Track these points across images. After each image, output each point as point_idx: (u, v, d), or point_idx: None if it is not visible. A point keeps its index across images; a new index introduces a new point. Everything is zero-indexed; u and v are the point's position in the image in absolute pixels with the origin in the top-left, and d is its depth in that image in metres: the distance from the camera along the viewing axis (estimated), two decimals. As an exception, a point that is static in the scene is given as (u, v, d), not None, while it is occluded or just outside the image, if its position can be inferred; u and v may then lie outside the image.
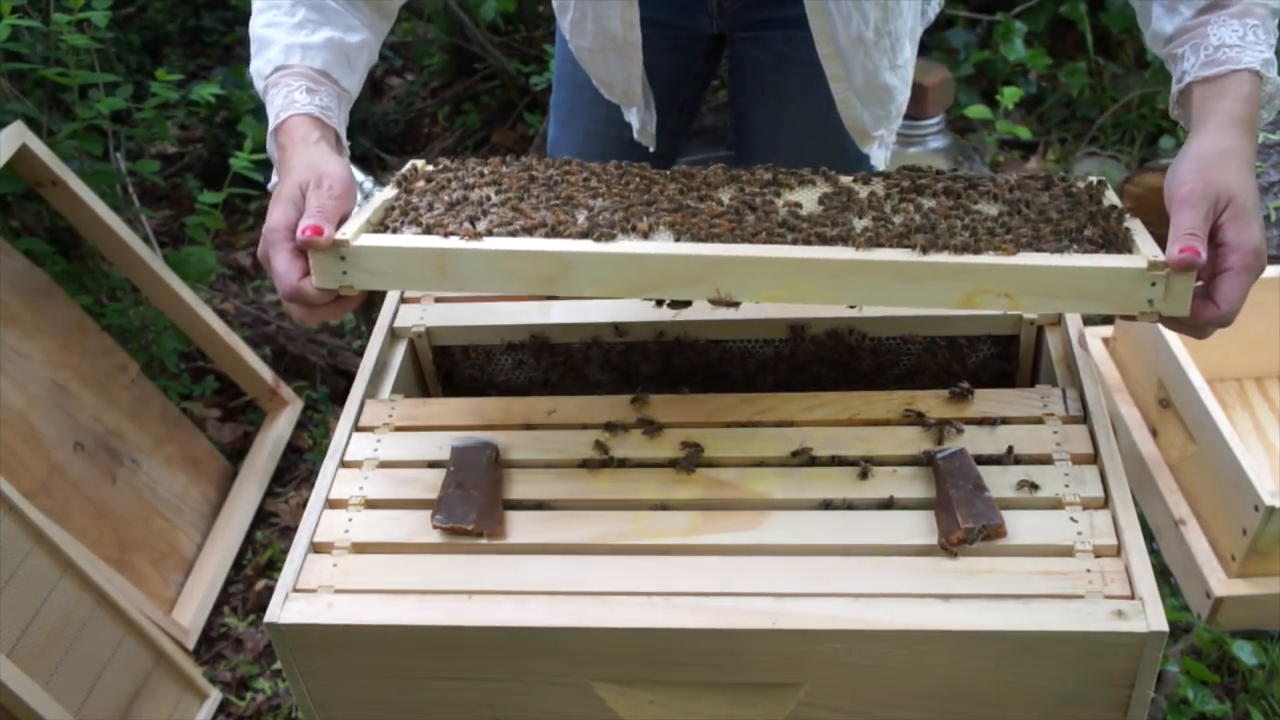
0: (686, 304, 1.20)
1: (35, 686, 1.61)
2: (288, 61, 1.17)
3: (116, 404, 2.21)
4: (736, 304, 1.06)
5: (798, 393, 1.18)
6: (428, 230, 1.08)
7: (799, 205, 1.12)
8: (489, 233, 1.07)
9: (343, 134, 1.20)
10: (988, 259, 1.01)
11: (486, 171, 1.20)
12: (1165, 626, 0.92)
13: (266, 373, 2.48)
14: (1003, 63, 3.21)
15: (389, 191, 1.18)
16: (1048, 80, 3.37)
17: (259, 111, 2.96)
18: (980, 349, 1.27)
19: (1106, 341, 2.31)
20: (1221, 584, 1.91)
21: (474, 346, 1.31)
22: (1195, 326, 1.03)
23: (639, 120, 1.59)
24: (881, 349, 1.27)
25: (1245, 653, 1.91)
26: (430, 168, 1.23)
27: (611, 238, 1.05)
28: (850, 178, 1.18)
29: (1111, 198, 1.13)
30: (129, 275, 2.32)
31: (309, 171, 1.10)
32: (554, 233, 1.06)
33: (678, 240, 1.06)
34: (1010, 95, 2.93)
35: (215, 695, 2.00)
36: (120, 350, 2.26)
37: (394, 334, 1.30)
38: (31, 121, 2.15)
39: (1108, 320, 2.51)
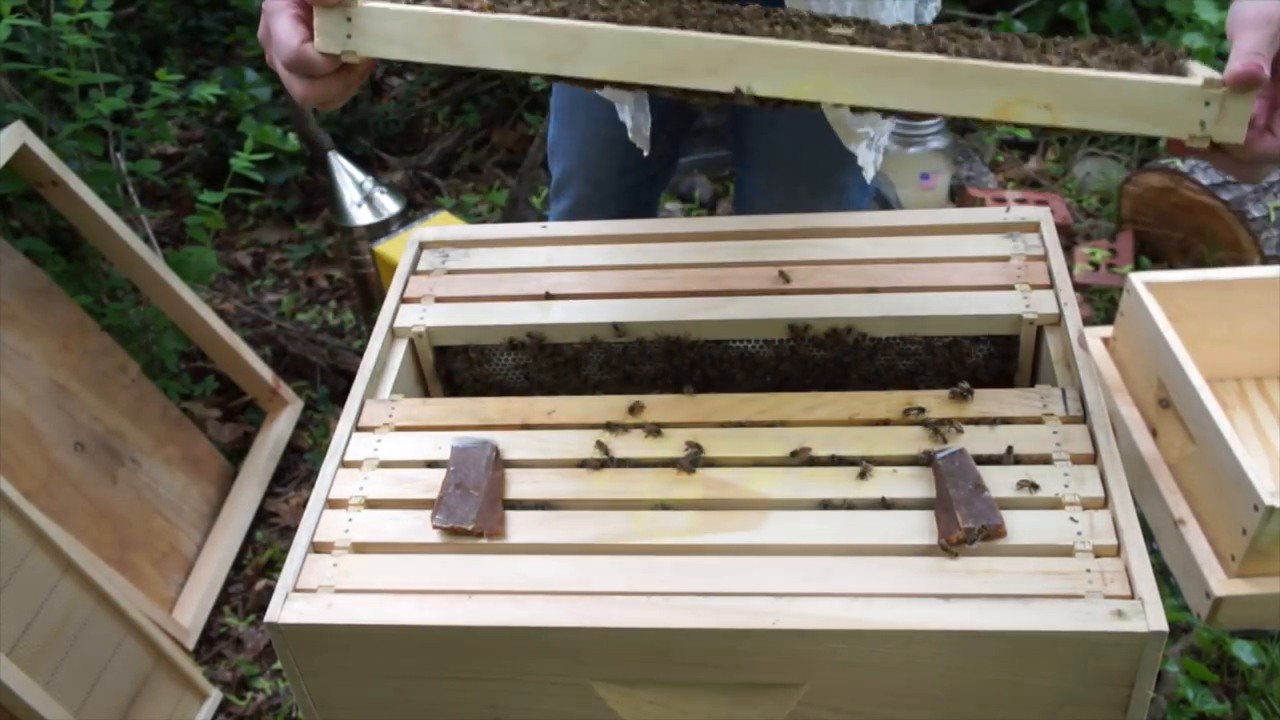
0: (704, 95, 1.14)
1: (35, 686, 1.61)
2: None
3: (116, 404, 2.21)
4: (760, 101, 1.02)
5: (798, 393, 1.17)
6: (443, 6, 1.05)
7: (828, 26, 1.09)
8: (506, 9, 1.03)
9: None
10: (1032, 66, 0.98)
11: None
12: (1165, 626, 0.92)
13: (266, 373, 2.48)
14: (1003, 63, 3.20)
15: None
16: (1048, 80, 3.36)
17: (259, 111, 2.96)
18: (980, 349, 1.27)
19: (1106, 341, 2.31)
20: (1221, 584, 1.91)
21: (474, 346, 1.31)
22: (1247, 162, 0.99)
23: (632, 119, 1.58)
24: (881, 349, 1.26)
25: (1245, 653, 1.91)
26: None
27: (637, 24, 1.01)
28: (890, 26, 1.15)
29: (1168, 50, 1.09)
30: (129, 275, 2.32)
31: None
32: (580, 18, 1.03)
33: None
34: (1010, 95, 2.93)
35: (215, 695, 2.00)
36: (120, 350, 2.26)
37: (394, 334, 1.30)
38: (32, 121, 2.15)
39: (1108, 320, 2.50)
